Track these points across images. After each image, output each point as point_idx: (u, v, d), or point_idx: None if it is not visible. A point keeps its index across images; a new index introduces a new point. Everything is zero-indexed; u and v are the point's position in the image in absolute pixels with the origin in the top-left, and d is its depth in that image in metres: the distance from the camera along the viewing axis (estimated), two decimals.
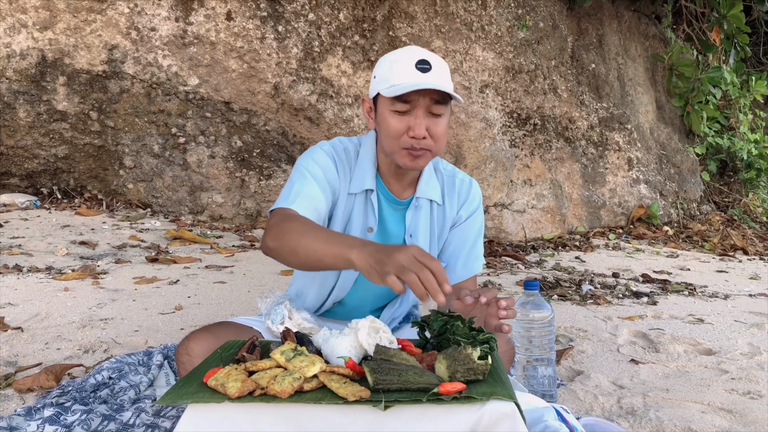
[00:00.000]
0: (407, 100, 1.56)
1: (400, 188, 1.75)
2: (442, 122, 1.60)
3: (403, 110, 1.58)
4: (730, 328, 2.89)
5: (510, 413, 1.18)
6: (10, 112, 4.62)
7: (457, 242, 1.80)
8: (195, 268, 3.60)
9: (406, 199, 1.76)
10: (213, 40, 4.67)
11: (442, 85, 1.55)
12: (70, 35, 4.59)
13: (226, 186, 4.89)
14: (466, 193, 1.82)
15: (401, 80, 1.55)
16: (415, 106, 1.57)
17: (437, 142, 1.61)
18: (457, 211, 1.81)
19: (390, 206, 1.75)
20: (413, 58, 1.57)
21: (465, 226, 1.81)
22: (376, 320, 1.41)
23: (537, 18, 5.57)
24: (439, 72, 1.58)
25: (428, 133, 1.59)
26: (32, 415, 1.67)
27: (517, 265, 4.31)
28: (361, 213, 1.72)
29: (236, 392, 1.18)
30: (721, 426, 1.79)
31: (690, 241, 5.92)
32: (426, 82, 1.54)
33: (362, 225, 1.73)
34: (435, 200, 1.77)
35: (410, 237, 1.75)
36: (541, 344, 1.71)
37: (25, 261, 3.47)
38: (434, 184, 1.78)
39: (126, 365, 2.00)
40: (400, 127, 1.58)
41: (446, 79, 1.60)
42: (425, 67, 1.56)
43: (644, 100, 6.83)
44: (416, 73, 1.55)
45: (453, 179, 1.82)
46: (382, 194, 1.74)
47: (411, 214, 1.75)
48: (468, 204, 1.81)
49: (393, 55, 1.62)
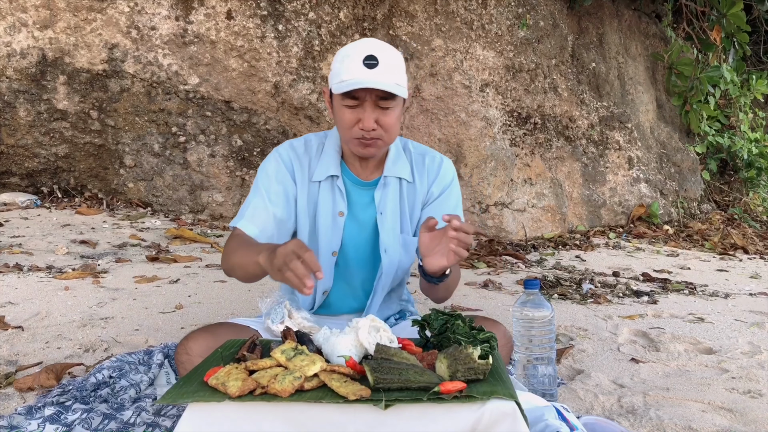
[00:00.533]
0: (355, 96, 1.61)
1: (366, 171, 1.80)
2: (392, 114, 1.65)
3: (353, 104, 1.63)
4: (731, 327, 2.89)
5: (510, 412, 1.18)
6: (10, 111, 4.62)
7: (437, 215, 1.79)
8: (195, 267, 3.60)
9: (372, 180, 1.80)
10: (213, 39, 4.67)
11: (386, 84, 1.59)
12: (70, 34, 4.59)
13: (226, 185, 4.89)
14: (437, 169, 1.84)
15: (349, 76, 1.60)
16: (363, 100, 1.62)
17: (387, 131, 1.66)
18: (428, 188, 1.84)
19: (358, 189, 1.80)
20: (363, 53, 1.60)
21: (440, 201, 1.84)
22: (377, 319, 1.41)
23: (537, 17, 5.57)
24: (387, 67, 1.60)
25: (378, 124, 1.64)
26: (33, 414, 1.67)
27: (518, 264, 4.31)
28: (329, 199, 1.78)
29: (237, 391, 1.18)
30: (722, 425, 1.79)
31: (690, 240, 5.91)
32: (370, 79, 1.58)
33: (332, 210, 1.78)
34: (404, 178, 1.81)
35: (380, 215, 1.79)
36: (541, 343, 1.71)
37: (26, 260, 3.47)
38: (402, 163, 1.82)
39: (126, 364, 2.00)
40: (350, 119, 1.65)
41: (393, 74, 1.62)
42: (372, 63, 1.59)
43: (644, 99, 6.82)
44: (363, 70, 1.59)
45: (423, 157, 1.85)
46: (348, 178, 1.80)
47: (380, 192, 1.79)
48: (439, 180, 1.84)
49: (347, 48, 1.65)
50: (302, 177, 1.78)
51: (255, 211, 1.73)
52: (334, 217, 1.78)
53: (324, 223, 1.78)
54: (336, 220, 1.77)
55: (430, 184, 1.84)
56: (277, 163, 1.78)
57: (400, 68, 1.65)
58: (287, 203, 1.76)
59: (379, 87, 1.58)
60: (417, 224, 1.85)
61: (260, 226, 1.71)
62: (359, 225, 1.80)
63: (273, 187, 1.75)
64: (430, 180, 1.84)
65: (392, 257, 1.80)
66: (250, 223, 1.71)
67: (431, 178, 1.84)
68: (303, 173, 1.78)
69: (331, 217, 1.78)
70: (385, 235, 1.79)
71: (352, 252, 1.81)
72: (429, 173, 1.84)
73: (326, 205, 1.78)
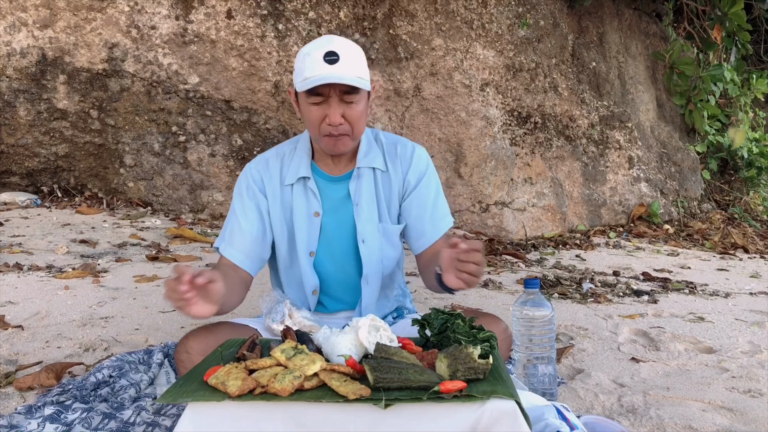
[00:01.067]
0: (319, 93, 1.63)
1: (339, 166, 1.82)
2: (357, 107, 1.67)
3: (318, 101, 1.65)
4: (731, 326, 2.88)
5: (511, 412, 1.18)
6: (10, 111, 4.62)
7: (418, 207, 1.84)
8: (196, 267, 3.59)
9: (345, 173, 1.82)
10: (213, 38, 4.67)
11: (348, 78, 1.60)
12: (70, 33, 4.59)
13: (226, 184, 4.89)
14: (409, 157, 1.85)
15: (311, 73, 1.61)
16: (327, 96, 1.64)
17: (354, 125, 1.68)
18: (403, 177, 1.84)
19: (332, 185, 1.82)
20: (323, 49, 1.62)
21: (419, 189, 1.84)
22: (377, 318, 1.41)
23: (537, 16, 5.57)
24: (348, 62, 1.62)
25: (345, 119, 1.66)
26: (33, 413, 1.67)
27: (518, 264, 4.31)
28: (303, 200, 1.81)
29: (237, 390, 1.18)
30: (722, 424, 1.78)
31: (690, 240, 5.91)
32: (332, 74, 1.59)
33: (307, 211, 1.80)
34: (378, 167, 1.82)
35: (357, 206, 1.80)
36: (541, 342, 1.71)
37: (26, 259, 3.46)
38: (375, 153, 1.83)
39: (126, 363, 2.00)
40: (317, 116, 1.66)
41: (356, 69, 1.63)
42: (333, 59, 1.61)
43: (645, 98, 6.82)
44: (324, 66, 1.61)
45: (394, 146, 1.86)
46: (320, 177, 1.82)
47: (354, 184, 1.80)
48: (414, 168, 1.84)
49: (308, 46, 1.67)
50: (273, 186, 1.82)
51: (232, 233, 1.79)
52: (310, 217, 1.80)
53: (300, 225, 1.80)
54: (312, 220, 1.80)
55: (405, 173, 1.84)
56: (247, 180, 1.84)
57: (361, 62, 1.67)
58: (261, 219, 1.81)
59: (341, 81, 1.60)
60: (397, 215, 1.86)
61: (239, 249, 1.78)
62: (337, 221, 1.81)
63: (245, 204, 1.81)
64: (404, 168, 1.84)
65: (371, 246, 1.80)
66: (230, 247, 1.78)
67: (405, 167, 1.84)
68: (273, 182, 1.82)
69: (306, 219, 1.80)
70: (361, 226, 1.80)
71: (334, 249, 1.82)
72: (402, 161, 1.84)
73: (301, 207, 1.80)
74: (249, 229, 1.78)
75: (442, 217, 1.86)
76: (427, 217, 1.83)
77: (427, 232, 1.83)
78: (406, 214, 1.85)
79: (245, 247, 1.78)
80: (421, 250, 1.84)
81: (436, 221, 1.83)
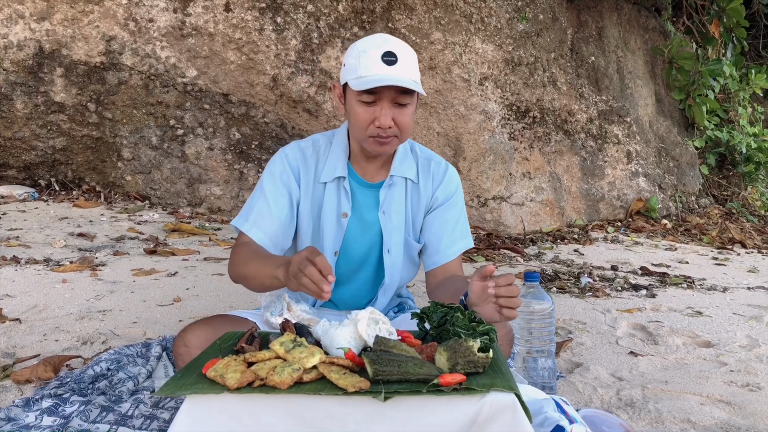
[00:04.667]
0: (373, 92, 1.60)
1: (373, 171, 1.80)
2: (408, 111, 1.65)
3: (370, 101, 1.62)
4: (729, 320, 2.89)
5: (510, 404, 1.17)
6: (7, 104, 4.60)
7: (439, 224, 1.82)
8: (193, 260, 3.59)
9: (378, 181, 1.80)
10: (211, 31, 4.65)
11: (407, 81, 1.58)
12: (67, 26, 4.56)
13: (224, 178, 4.88)
14: (442, 175, 1.84)
15: (368, 72, 1.59)
16: (381, 97, 1.61)
17: (403, 130, 1.66)
18: (432, 192, 1.83)
19: (364, 190, 1.80)
20: (381, 49, 1.60)
21: (445, 208, 1.83)
22: (376, 311, 1.40)
23: (537, 10, 5.55)
24: (406, 64, 1.60)
25: (394, 122, 1.63)
26: (30, 406, 1.66)
27: (516, 258, 4.31)
28: (334, 200, 1.78)
29: (235, 383, 1.17)
30: (720, 418, 1.79)
31: (688, 235, 5.91)
32: (391, 76, 1.57)
33: (336, 211, 1.78)
34: (410, 178, 1.81)
35: (383, 214, 1.79)
36: (541, 336, 1.71)
37: (23, 253, 3.45)
38: (409, 163, 1.82)
39: (124, 357, 2.00)
40: (366, 117, 1.63)
41: (412, 71, 1.62)
42: (391, 59, 1.59)
43: (643, 93, 6.81)
44: (382, 66, 1.58)
45: (429, 162, 1.85)
46: (354, 180, 1.79)
47: (385, 192, 1.79)
48: (444, 186, 1.83)
49: (362, 44, 1.64)
50: (307, 179, 1.78)
51: (259, 215, 1.73)
52: (338, 218, 1.78)
53: (327, 223, 1.78)
54: (339, 221, 1.77)
55: (435, 189, 1.83)
56: (283, 165, 1.77)
57: (416, 65, 1.65)
58: (290, 207, 1.76)
59: (400, 84, 1.57)
60: (419, 230, 1.85)
61: (266, 231, 1.71)
62: (363, 226, 1.79)
63: (278, 189, 1.75)
64: (434, 185, 1.83)
65: (396, 258, 1.80)
66: (255, 228, 1.71)
67: (436, 184, 1.83)
68: (308, 175, 1.78)
69: (335, 218, 1.77)
70: (388, 236, 1.79)
71: (354, 253, 1.80)
72: (434, 178, 1.83)
73: (331, 206, 1.77)
74: (278, 213, 1.73)
75: (462, 237, 1.84)
76: (446, 235, 1.81)
77: (442, 250, 1.81)
78: (426, 229, 1.84)
79: (271, 231, 1.72)
80: (434, 267, 1.82)
81: (453, 241, 1.81)
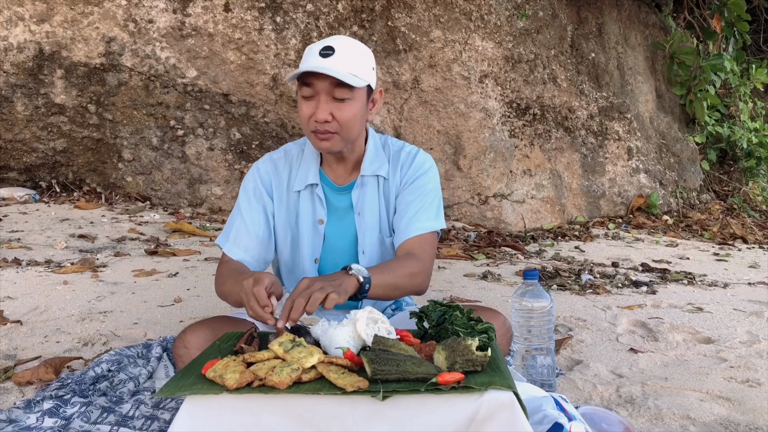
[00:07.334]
0: (309, 84, 1.61)
1: (344, 174, 1.80)
2: (348, 107, 1.63)
3: (308, 95, 1.63)
4: (729, 316, 2.89)
5: (508, 402, 1.18)
6: (8, 106, 4.61)
7: (404, 205, 1.78)
8: (194, 261, 3.60)
9: (350, 182, 1.80)
10: (211, 31, 4.65)
11: (337, 72, 1.57)
12: (67, 28, 4.57)
13: (225, 178, 4.88)
14: (411, 161, 1.82)
15: (303, 65, 1.61)
16: (317, 91, 1.61)
17: (343, 126, 1.64)
18: (400, 179, 1.81)
19: (336, 194, 1.80)
20: (323, 44, 1.61)
21: (411, 189, 1.79)
22: (375, 310, 1.41)
23: (536, 7, 5.55)
24: (342, 57, 1.59)
25: (334, 118, 1.62)
26: (32, 407, 1.67)
27: (516, 255, 4.31)
28: (309, 207, 1.79)
29: (234, 383, 1.18)
30: (720, 414, 1.79)
31: (689, 230, 5.91)
32: (321, 66, 1.57)
33: (312, 219, 1.79)
34: (381, 175, 1.80)
35: (359, 215, 1.79)
36: (540, 333, 1.71)
37: (24, 254, 3.46)
38: (381, 160, 1.80)
39: (125, 357, 2.00)
40: (306, 112, 1.65)
41: (350, 65, 1.60)
42: (328, 52, 1.59)
43: (644, 89, 6.80)
44: (317, 59, 1.59)
45: (399, 153, 1.83)
46: (327, 185, 1.80)
47: (357, 193, 1.79)
48: (412, 170, 1.80)
49: (313, 44, 1.66)
50: (280, 190, 1.80)
51: (238, 233, 1.77)
52: (315, 225, 1.79)
53: (305, 231, 1.79)
54: (316, 228, 1.79)
55: (403, 175, 1.81)
56: (255, 180, 1.81)
57: (360, 60, 1.63)
58: (266, 221, 1.79)
59: (327, 73, 1.56)
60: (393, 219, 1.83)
61: (246, 249, 1.76)
62: (340, 231, 1.80)
63: (252, 206, 1.79)
64: (403, 172, 1.81)
65: (371, 258, 1.79)
66: (235, 247, 1.76)
67: (404, 170, 1.81)
68: (281, 186, 1.80)
69: (311, 226, 1.79)
70: (362, 237, 1.79)
71: (335, 258, 1.81)
72: (403, 166, 1.81)
73: (306, 213, 1.79)
74: (255, 230, 1.76)
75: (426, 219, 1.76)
76: (408, 215, 1.75)
77: (401, 228, 1.76)
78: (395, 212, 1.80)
79: (251, 248, 1.76)
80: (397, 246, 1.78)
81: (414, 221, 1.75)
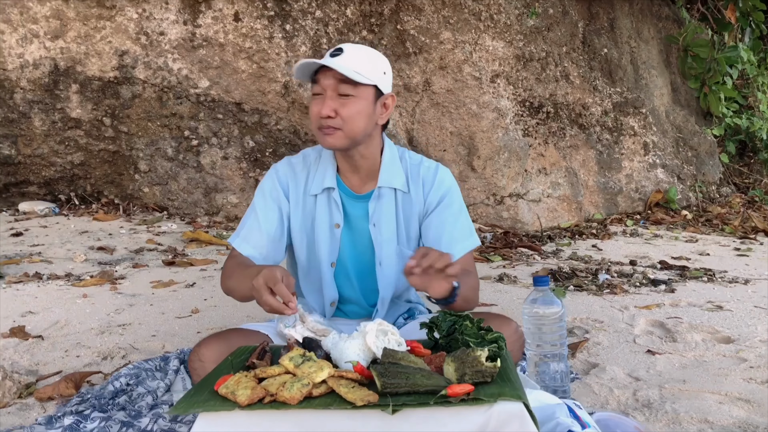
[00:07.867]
0: (317, 81, 1.66)
1: (360, 182, 1.80)
2: (352, 104, 1.65)
3: (317, 92, 1.67)
4: (750, 314, 2.85)
5: (518, 413, 1.18)
6: (25, 122, 4.69)
7: (437, 226, 1.80)
8: (211, 270, 3.63)
9: (367, 192, 1.80)
10: (222, 41, 4.69)
11: (342, 67, 1.61)
12: (80, 43, 4.64)
13: (240, 186, 4.92)
14: (432, 178, 1.82)
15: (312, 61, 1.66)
16: (324, 88, 1.65)
17: (346, 121, 1.66)
18: (424, 198, 1.82)
19: (353, 201, 1.81)
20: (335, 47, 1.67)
21: (440, 209, 1.80)
22: (384, 323, 1.41)
23: (546, 4, 5.51)
24: (350, 56, 1.64)
25: (338, 114, 1.65)
26: (53, 423, 1.70)
27: (533, 256, 4.29)
28: (326, 211, 1.80)
29: (246, 400, 1.19)
30: (739, 416, 1.77)
31: (710, 225, 5.83)
32: (327, 62, 1.63)
33: (329, 222, 1.80)
34: (399, 188, 1.80)
35: (374, 226, 1.79)
36: (552, 340, 1.70)
37: (45, 268, 3.52)
38: (397, 172, 1.81)
39: (143, 371, 2.03)
40: (315, 109, 1.68)
41: (356, 64, 1.64)
42: (337, 52, 1.65)
43: (659, 82, 6.73)
44: (327, 58, 1.65)
45: (418, 167, 1.84)
46: (343, 191, 1.81)
47: (374, 204, 1.79)
48: (436, 189, 1.81)
49: None
50: (297, 192, 1.81)
51: (250, 231, 1.78)
52: (331, 228, 1.80)
53: (321, 235, 1.80)
54: (333, 231, 1.80)
55: (426, 194, 1.81)
56: (272, 181, 1.82)
57: (368, 61, 1.67)
58: (280, 221, 1.80)
59: (332, 67, 1.61)
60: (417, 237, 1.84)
61: (255, 246, 1.77)
62: (356, 237, 1.81)
63: (267, 205, 1.80)
64: (426, 190, 1.81)
65: (387, 270, 1.80)
66: (245, 243, 1.77)
67: (427, 188, 1.81)
68: (298, 189, 1.82)
69: (328, 229, 1.80)
70: (379, 248, 1.80)
71: (350, 263, 1.82)
72: (425, 183, 1.82)
73: (323, 217, 1.80)
74: (267, 228, 1.78)
75: (463, 238, 1.79)
76: (446, 236, 1.78)
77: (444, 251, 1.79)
78: (425, 234, 1.82)
79: (260, 245, 1.77)
80: None
81: (453, 243, 1.76)
